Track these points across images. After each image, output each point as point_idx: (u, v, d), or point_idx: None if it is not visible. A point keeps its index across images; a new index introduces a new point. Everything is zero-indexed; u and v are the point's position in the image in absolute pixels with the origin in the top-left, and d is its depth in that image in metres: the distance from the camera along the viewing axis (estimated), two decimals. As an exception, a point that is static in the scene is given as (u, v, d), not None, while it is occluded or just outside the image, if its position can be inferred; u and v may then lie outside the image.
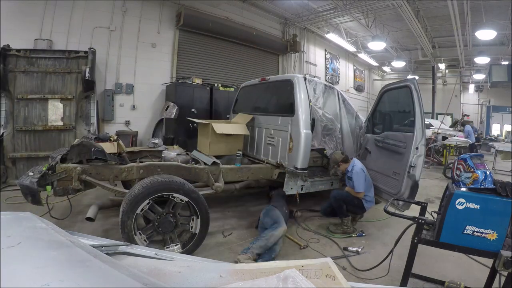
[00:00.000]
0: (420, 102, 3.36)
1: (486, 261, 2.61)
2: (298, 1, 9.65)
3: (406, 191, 3.39)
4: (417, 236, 2.08)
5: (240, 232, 3.72)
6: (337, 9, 9.74)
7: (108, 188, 3.21)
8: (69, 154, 3.07)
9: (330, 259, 0.91)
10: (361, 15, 10.59)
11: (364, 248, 3.39)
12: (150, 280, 0.72)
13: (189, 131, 6.42)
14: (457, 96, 17.57)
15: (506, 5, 8.93)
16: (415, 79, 3.50)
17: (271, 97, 4.78)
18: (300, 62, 11.81)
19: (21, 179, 2.82)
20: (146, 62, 7.68)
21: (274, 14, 10.55)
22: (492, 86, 15.02)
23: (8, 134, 5.35)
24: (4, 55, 5.24)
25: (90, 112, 6.10)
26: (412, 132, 3.34)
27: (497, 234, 1.86)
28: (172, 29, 8.11)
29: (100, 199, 3.90)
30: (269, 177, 4.19)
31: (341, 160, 3.90)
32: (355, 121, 4.75)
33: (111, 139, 4.02)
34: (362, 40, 13.42)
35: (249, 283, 0.78)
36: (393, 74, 19.13)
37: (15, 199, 4.28)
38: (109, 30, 7.10)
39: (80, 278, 0.63)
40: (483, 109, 17.77)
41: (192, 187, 3.00)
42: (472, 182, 1.96)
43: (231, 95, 7.00)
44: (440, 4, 9.05)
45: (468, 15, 9.26)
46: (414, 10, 9.53)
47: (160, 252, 1.14)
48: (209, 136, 4.08)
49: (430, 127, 10.20)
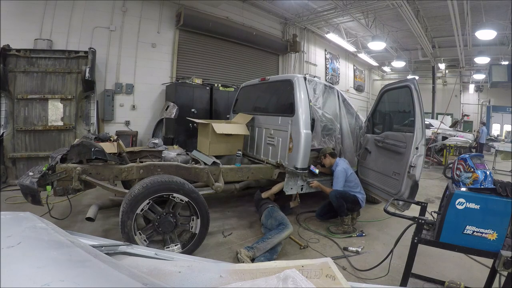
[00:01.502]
0: (420, 102, 3.35)
1: (486, 261, 2.61)
2: (298, 1, 9.65)
3: (406, 191, 3.39)
4: (417, 236, 2.08)
5: (240, 232, 3.72)
6: (337, 9, 9.75)
7: (108, 188, 3.21)
8: (69, 154, 3.07)
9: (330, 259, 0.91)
10: (361, 15, 10.59)
11: (364, 248, 3.39)
12: (150, 280, 0.72)
13: (189, 131, 6.43)
14: (457, 96, 17.59)
15: (506, 5, 8.94)
16: (415, 79, 3.50)
17: (271, 97, 4.77)
18: (300, 62, 11.81)
19: (21, 179, 2.82)
20: (146, 62, 7.69)
21: (274, 14, 10.55)
22: (492, 86, 15.03)
23: (8, 134, 5.35)
24: (4, 55, 5.24)
25: (90, 112, 6.10)
26: (412, 132, 3.34)
27: (497, 234, 1.86)
28: (172, 29, 8.11)
29: (100, 199, 3.91)
30: (269, 177, 4.19)
31: (328, 152, 4.11)
32: (355, 121, 4.74)
33: (111, 139, 4.02)
34: (362, 40, 13.43)
35: (249, 283, 0.78)
36: (393, 74, 19.14)
37: (15, 199, 4.28)
38: (109, 30, 7.10)
39: (80, 278, 0.63)
40: (483, 109, 17.77)
41: (192, 187, 3.00)
42: (472, 182, 1.96)
43: (231, 95, 7.00)
44: (440, 4, 9.06)
45: (468, 15, 9.26)
46: (414, 10, 9.53)
47: (160, 252, 1.14)
48: (209, 136, 4.08)
49: (430, 127, 10.21)
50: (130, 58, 7.46)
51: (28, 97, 5.43)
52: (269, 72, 10.41)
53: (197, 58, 8.68)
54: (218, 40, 9.01)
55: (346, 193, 3.86)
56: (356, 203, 3.88)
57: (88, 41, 6.70)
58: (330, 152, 4.14)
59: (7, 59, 5.30)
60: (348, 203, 3.80)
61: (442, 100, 16.32)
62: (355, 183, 4.01)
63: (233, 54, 9.55)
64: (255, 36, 9.57)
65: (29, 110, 5.46)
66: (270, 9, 10.25)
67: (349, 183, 3.97)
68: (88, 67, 5.73)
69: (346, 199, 3.80)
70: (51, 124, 5.60)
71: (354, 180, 4.01)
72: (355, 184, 3.99)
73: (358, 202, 3.89)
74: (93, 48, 6.10)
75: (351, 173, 4.03)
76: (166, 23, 8.00)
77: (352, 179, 4.00)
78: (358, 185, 4.02)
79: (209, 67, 8.92)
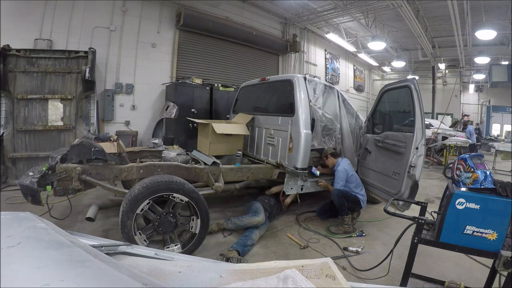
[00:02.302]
0: (420, 102, 3.35)
1: (486, 261, 2.61)
2: (298, 1, 9.65)
3: (406, 191, 3.39)
4: (417, 236, 2.08)
5: (240, 232, 3.72)
6: (337, 9, 9.75)
7: (108, 188, 3.21)
8: (69, 154, 3.06)
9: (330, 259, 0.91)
10: (361, 15, 10.60)
11: (364, 248, 3.39)
12: (150, 280, 0.72)
13: (189, 131, 6.43)
14: (457, 96, 17.60)
15: (506, 5, 8.94)
16: (415, 79, 3.50)
17: (271, 97, 4.77)
18: (300, 62, 11.81)
19: (21, 179, 2.82)
20: (146, 62, 7.69)
21: (274, 14, 10.55)
22: (492, 86, 15.03)
23: (8, 134, 5.35)
24: (4, 55, 5.24)
25: (90, 112, 6.11)
26: (412, 132, 3.34)
27: (497, 234, 1.86)
28: (172, 29, 8.11)
29: (100, 199, 3.91)
30: (269, 177, 4.19)
31: (330, 153, 4.14)
32: (355, 121, 4.74)
33: (111, 139, 4.03)
34: (362, 40, 13.43)
35: (249, 283, 0.78)
36: (393, 74, 19.14)
37: (15, 199, 4.28)
38: (109, 30, 7.10)
39: (80, 278, 0.63)
40: (483, 109, 17.78)
41: (192, 187, 3.00)
42: (472, 182, 1.96)
43: (231, 95, 7.00)
44: (440, 4, 9.06)
45: (468, 15, 9.27)
46: (414, 10, 9.53)
47: (160, 252, 1.14)
48: (209, 136, 4.08)
49: (430, 127, 10.21)
50: (130, 58, 7.46)
51: (28, 97, 5.42)
52: (269, 72, 10.41)
53: (197, 58, 8.68)
54: (218, 40, 9.01)
55: (348, 192, 3.87)
56: (357, 203, 3.89)
57: (88, 41, 6.70)
58: (331, 153, 4.15)
59: (7, 59, 5.30)
60: (349, 202, 3.80)
61: (442, 100, 16.33)
62: (357, 183, 4.01)
63: (233, 54, 9.55)
64: (255, 36, 9.57)
65: (29, 110, 5.46)
66: (270, 9, 10.25)
67: (350, 183, 3.97)
68: (88, 67, 5.73)
69: (347, 199, 3.81)
70: (51, 124, 5.60)
71: (355, 181, 4.02)
72: (356, 184, 4.00)
73: (359, 202, 3.90)
74: (93, 48, 6.10)
75: (352, 174, 4.03)
76: (166, 23, 8.00)
77: (353, 180, 4.00)
78: (359, 185, 4.02)
79: (209, 67, 8.92)
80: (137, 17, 7.52)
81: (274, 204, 4.15)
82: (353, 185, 3.98)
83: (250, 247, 3.23)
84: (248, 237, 3.32)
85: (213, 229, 3.59)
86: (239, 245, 3.14)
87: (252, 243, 3.28)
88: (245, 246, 3.16)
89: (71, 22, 6.55)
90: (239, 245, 3.14)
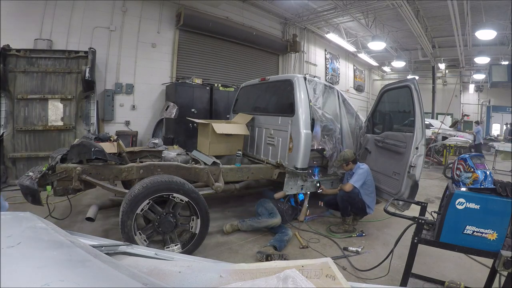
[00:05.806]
0: (420, 102, 3.35)
1: (486, 261, 2.61)
2: (298, 1, 9.65)
3: (406, 191, 3.39)
4: (417, 236, 2.08)
5: (240, 232, 3.72)
6: (337, 9, 9.75)
7: (108, 188, 3.21)
8: (69, 154, 3.06)
9: (330, 259, 0.91)
10: (361, 15, 10.60)
11: (364, 248, 3.38)
12: (150, 280, 0.72)
13: (189, 131, 6.42)
14: (457, 96, 17.58)
15: (506, 5, 8.94)
16: (415, 79, 3.50)
17: (271, 97, 4.77)
18: (300, 62, 11.81)
19: (21, 179, 2.82)
20: (146, 62, 7.69)
21: (274, 14, 10.55)
22: (492, 86, 15.03)
23: (8, 134, 5.35)
24: (4, 55, 5.24)
25: (90, 112, 6.10)
26: (412, 132, 3.34)
27: (497, 234, 1.86)
28: (172, 29, 8.11)
29: (100, 199, 3.91)
30: (269, 177, 4.18)
31: (352, 160, 3.88)
32: (355, 121, 4.73)
33: (111, 139, 4.02)
34: (362, 40, 13.43)
35: (249, 283, 0.78)
36: (393, 74, 19.14)
37: (15, 199, 4.28)
38: (109, 30, 7.10)
39: (80, 278, 0.63)
40: (483, 109, 17.78)
41: (192, 187, 2.99)
42: (472, 182, 1.96)
43: (231, 95, 7.00)
44: (440, 4, 9.06)
45: (468, 15, 9.27)
46: (414, 10, 9.53)
47: (160, 252, 1.14)
48: (209, 136, 4.07)
49: (430, 127, 10.21)
50: (130, 58, 7.46)
51: (28, 97, 5.42)
52: (269, 72, 10.41)
53: (197, 58, 8.68)
54: (218, 40, 9.02)
55: (355, 198, 3.72)
56: (362, 211, 3.80)
57: (88, 41, 6.70)
58: (353, 160, 3.89)
59: (7, 59, 5.29)
60: (354, 208, 3.76)
61: (442, 100, 16.33)
62: (371, 190, 3.84)
63: (233, 54, 9.55)
64: (255, 36, 9.57)
65: (29, 110, 5.46)
66: (270, 9, 10.25)
67: (368, 187, 3.80)
68: (88, 67, 5.72)
69: (353, 204, 3.73)
70: (51, 124, 5.60)
71: (370, 186, 3.84)
72: (370, 191, 3.82)
73: (364, 210, 3.78)
74: (93, 48, 6.09)
75: (370, 179, 3.85)
76: (166, 23, 8.00)
77: (370, 184, 3.83)
78: (372, 192, 3.85)
79: (209, 67, 8.92)
80: (137, 17, 7.52)
81: (287, 210, 3.98)
82: (370, 190, 3.81)
83: (286, 242, 3.29)
84: (285, 233, 3.37)
85: (227, 230, 3.59)
86: (276, 241, 3.19)
87: (288, 238, 3.33)
88: (282, 242, 3.22)
89: (71, 22, 6.55)
90: (276, 240, 3.19)
